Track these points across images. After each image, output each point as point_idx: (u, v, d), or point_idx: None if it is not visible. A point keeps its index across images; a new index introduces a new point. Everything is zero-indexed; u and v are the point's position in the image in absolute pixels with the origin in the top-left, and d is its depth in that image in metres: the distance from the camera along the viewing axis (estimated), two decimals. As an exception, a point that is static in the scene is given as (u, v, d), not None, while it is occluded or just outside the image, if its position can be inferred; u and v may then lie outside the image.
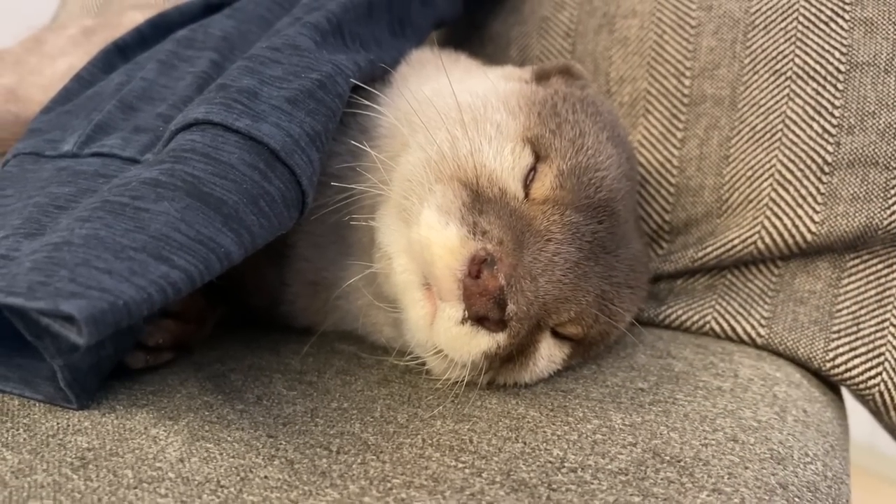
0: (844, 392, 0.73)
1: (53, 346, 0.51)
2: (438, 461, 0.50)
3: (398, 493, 0.46)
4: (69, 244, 0.47)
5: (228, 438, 0.52)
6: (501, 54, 0.91)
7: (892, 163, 0.69)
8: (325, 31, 0.65)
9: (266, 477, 0.48)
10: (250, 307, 0.75)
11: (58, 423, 0.53)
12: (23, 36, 0.98)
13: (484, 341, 0.53)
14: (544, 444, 0.52)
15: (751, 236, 0.71)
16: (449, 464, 0.49)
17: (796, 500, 0.50)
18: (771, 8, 0.76)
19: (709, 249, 0.73)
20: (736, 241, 0.72)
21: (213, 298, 0.73)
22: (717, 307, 0.73)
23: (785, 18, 0.75)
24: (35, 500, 0.44)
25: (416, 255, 0.54)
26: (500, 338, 0.53)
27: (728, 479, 0.49)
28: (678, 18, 0.80)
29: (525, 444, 0.52)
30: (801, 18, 0.74)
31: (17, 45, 0.96)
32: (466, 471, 0.49)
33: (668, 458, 0.51)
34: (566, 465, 0.49)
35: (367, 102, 0.62)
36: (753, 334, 0.71)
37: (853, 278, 0.70)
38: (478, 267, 0.51)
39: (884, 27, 0.72)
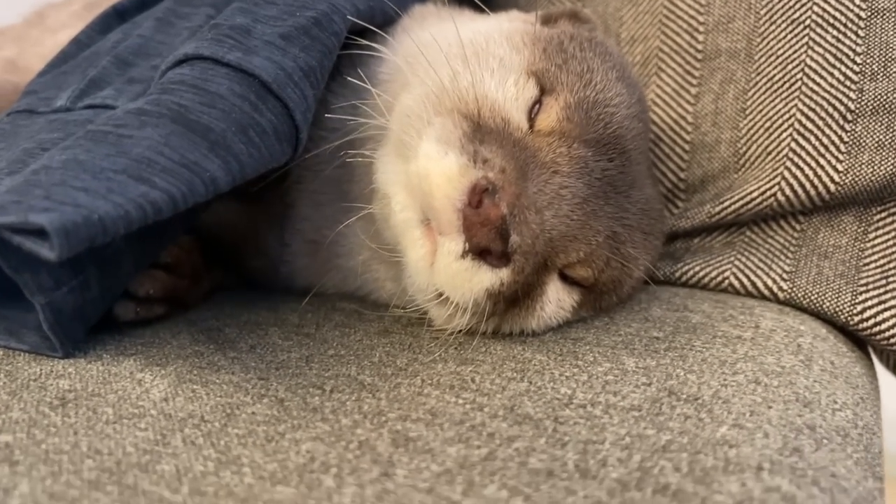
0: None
1: (34, 283, 0.48)
2: (438, 398, 0.46)
3: (393, 426, 0.43)
4: (47, 168, 0.45)
5: (217, 381, 0.49)
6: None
7: (918, 108, 0.66)
8: (322, -27, 0.63)
9: (254, 413, 0.45)
10: (251, 271, 0.73)
11: (41, 369, 0.50)
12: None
13: (486, 277, 0.50)
14: (551, 384, 0.48)
15: (770, 188, 0.68)
16: (448, 400, 0.46)
17: (825, 441, 0.46)
18: (787, -43, 0.73)
19: (726, 204, 0.70)
20: (755, 194, 0.68)
21: (213, 261, 0.71)
22: (737, 262, 0.69)
23: (802, -33, 0.72)
24: (7, 433, 0.42)
25: (415, 188, 0.51)
26: (504, 274, 0.50)
27: (750, 416, 0.45)
28: (690, -27, 0.78)
29: (531, 383, 0.48)
30: (819, -34, 0.71)
31: (21, 20, 0.95)
32: (467, 406, 0.45)
33: (684, 396, 0.47)
34: (574, 401, 0.46)
35: (368, 43, 0.60)
36: (775, 289, 0.67)
37: (880, 231, 0.67)
38: (479, 196, 0.48)
39: (906, -29, 0.68)
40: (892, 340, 0.63)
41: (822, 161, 0.67)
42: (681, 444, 0.42)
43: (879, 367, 0.69)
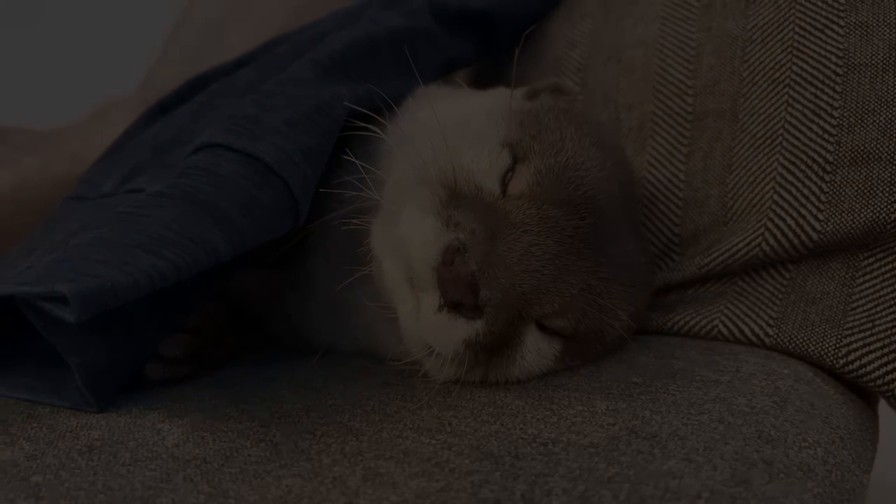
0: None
1: (68, 344, 0.56)
2: (414, 439, 0.51)
3: (368, 463, 0.48)
4: (78, 246, 0.53)
5: (224, 429, 0.55)
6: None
7: (895, 157, 0.68)
8: (326, 66, 0.71)
9: (249, 455, 0.50)
10: (276, 333, 0.80)
11: (77, 422, 0.57)
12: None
13: (463, 329, 0.55)
14: (521, 425, 0.53)
15: (755, 239, 0.71)
16: (423, 441, 0.51)
17: (781, 475, 0.49)
18: (767, 22, 0.78)
19: (715, 255, 0.73)
20: (740, 245, 0.72)
21: (242, 326, 0.78)
22: (726, 311, 0.72)
23: (781, 31, 0.76)
24: (39, 475, 0.49)
25: (399, 251, 0.57)
26: (479, 325, 0.55)
27: (703, 451, 0.49)
28: (679, 42, 0.83)
29: (502, 425, 0.53)
30: (797, 29, 0.76)
31: (86, 118, 1.07)
32: (438, 446, 0.50)
33: (644, 434, 0.51)
34: (538, 440, 0.50)
35: (364, 125, 0.67)
36: (762, 334, 0.69)
37: (868, 277, 0.69)
38: (451, 256, 0.54)
39: (879, 29, 0.72)
40: (878, 382, 0.65)
41: (803, 211, 0.70)
42: (626, 475, 0.45)
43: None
